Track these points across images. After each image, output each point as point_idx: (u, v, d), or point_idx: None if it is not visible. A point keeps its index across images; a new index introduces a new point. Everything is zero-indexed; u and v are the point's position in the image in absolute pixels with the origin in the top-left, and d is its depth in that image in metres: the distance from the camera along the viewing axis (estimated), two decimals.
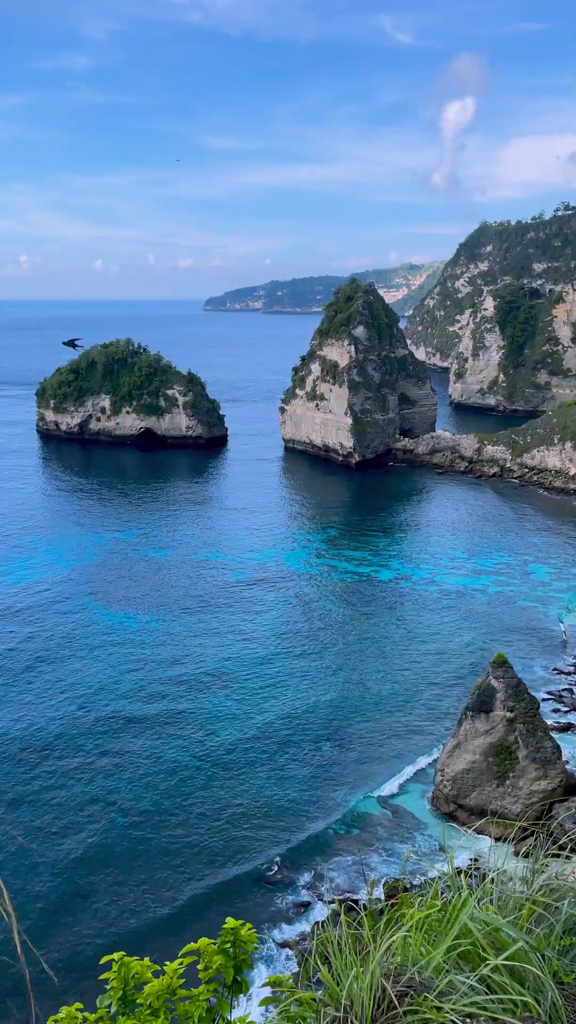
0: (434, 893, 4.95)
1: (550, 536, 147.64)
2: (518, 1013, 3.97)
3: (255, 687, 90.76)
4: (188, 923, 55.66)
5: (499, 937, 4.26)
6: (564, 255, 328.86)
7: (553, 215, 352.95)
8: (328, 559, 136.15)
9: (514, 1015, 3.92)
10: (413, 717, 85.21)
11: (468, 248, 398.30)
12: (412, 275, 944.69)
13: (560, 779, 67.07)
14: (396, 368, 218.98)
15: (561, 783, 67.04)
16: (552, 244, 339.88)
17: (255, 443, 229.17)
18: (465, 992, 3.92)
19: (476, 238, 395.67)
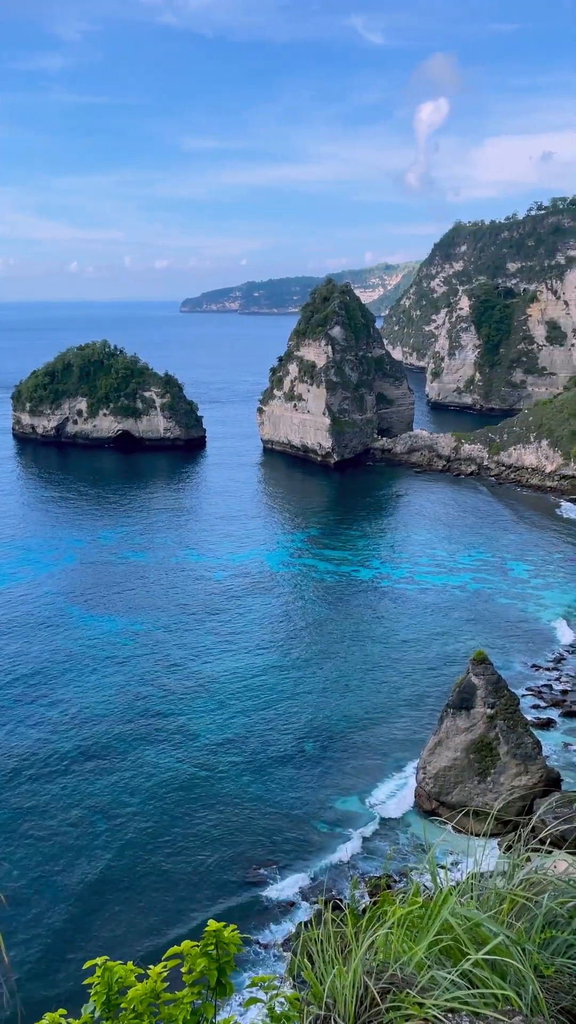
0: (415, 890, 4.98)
1: (527, 533, 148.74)
2: (499, 1007, 4.01)
3: (236, 688, 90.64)
4: (172, 926, 55.48)
5: (480, 932, 4.29)
6: (537, 254, 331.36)
7: (526, 215, 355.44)
8: (308, 559, 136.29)
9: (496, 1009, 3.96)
10: (395, 716, 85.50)
11: (443, 248, 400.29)
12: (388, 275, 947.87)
13: (541, 774, 67.59)
14: (373, 368, 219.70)
15: (542, 778, 67.56)
16: (526, 244, 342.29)
17: (234, 444, 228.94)
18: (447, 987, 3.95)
19: (451, 238, 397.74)
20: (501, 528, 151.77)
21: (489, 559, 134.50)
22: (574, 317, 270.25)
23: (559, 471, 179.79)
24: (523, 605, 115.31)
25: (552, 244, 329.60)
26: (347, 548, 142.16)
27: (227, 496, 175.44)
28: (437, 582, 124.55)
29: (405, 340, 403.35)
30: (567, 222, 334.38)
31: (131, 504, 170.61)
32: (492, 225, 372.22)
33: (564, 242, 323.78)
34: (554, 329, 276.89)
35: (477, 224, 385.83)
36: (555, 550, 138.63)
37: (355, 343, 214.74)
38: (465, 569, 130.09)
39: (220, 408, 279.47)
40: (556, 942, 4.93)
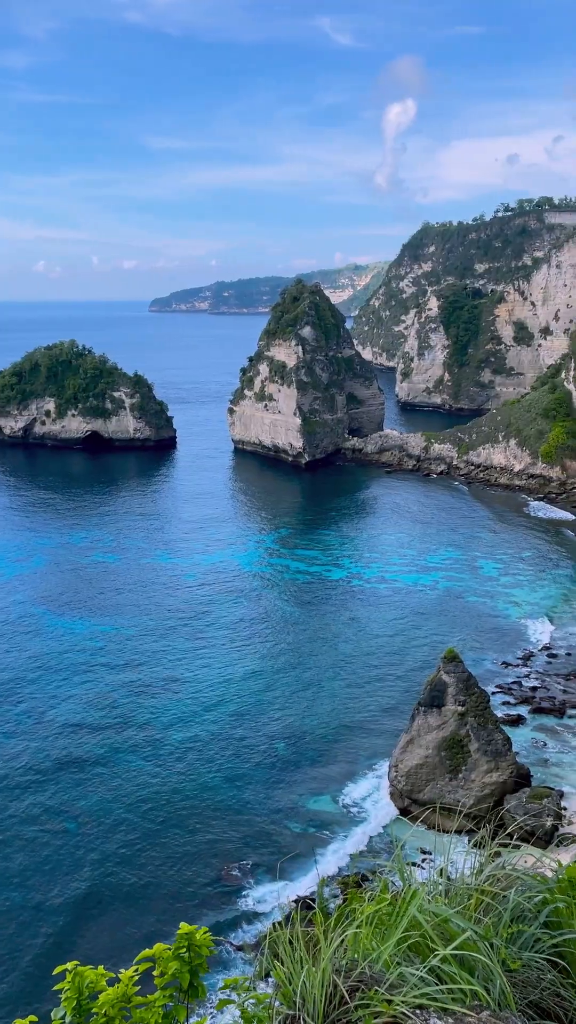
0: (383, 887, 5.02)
1: (497, 532, 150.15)
2: (467, 1002, 4.05)
3: (208, 688, 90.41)
4: (144, 930, 55.19)
5: (448, 928, 4.33)
6: (504, 255, 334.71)
7: (493, 216, 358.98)
8: (280, 559, 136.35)
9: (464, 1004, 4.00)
10: (366, 714, 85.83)
11: (411, 249, 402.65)
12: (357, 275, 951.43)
13: (511, 771, 68.28)
14: (343, 368, 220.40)
15: (512, 774, 68.26)
16: (493, 245, 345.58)
17: (204, 444, 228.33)
18: (415, 984, 3.98)
19: (419, 239, 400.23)
20: (471, 527, 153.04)
21: (459, 558, 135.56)
22: (541, 318, 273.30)
23: (527, 470, 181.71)
24: (493, 603, 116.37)
25: (519, 245, 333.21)
26: (319, 548, 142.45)
27: (198, 497, 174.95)
28: (408, 581, 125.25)
29: (375, 340, 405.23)
30: (533, 224, 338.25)
31: (101, 505, 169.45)
32: (460, 226, 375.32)
33: (530, 243, 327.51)
34: (521, 330, 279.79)
35: (445, 225, 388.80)
36: (524, 548, 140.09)
37: (325, 343, 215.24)
38: (436, 568, 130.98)
39: (190, 408, 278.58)
40: (523, 936, 5.00)
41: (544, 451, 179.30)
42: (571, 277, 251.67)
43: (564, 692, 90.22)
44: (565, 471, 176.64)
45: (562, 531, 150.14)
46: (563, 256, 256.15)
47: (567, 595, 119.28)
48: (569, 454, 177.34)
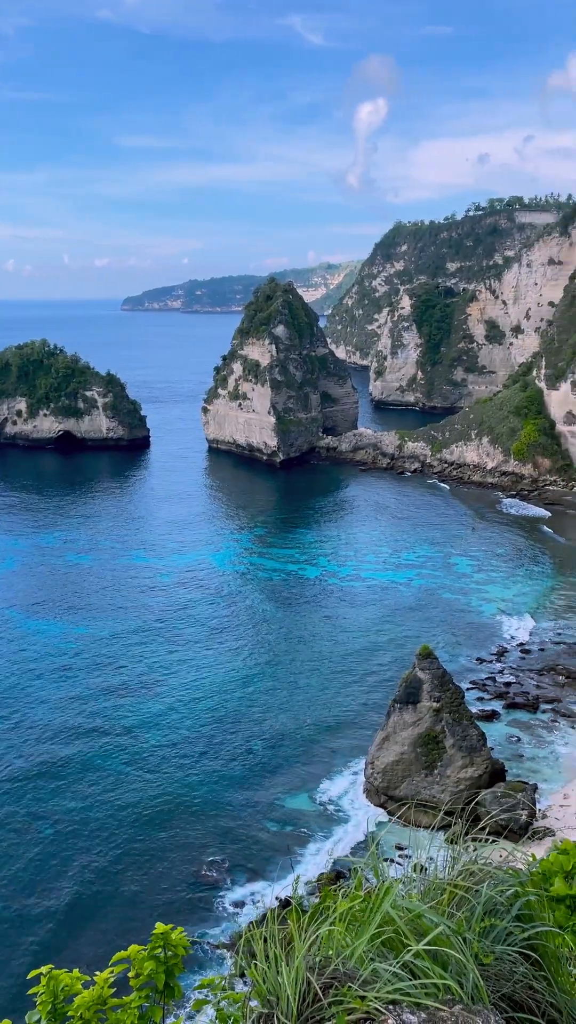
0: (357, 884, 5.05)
1: (470, 529, 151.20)
2: (440, 996, 4.09)
3: (183, 689, 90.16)
4: (120, 931, 54.92)
5: (421, 923, 4.37)
6: (476, 254, 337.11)
7: (465, 215, 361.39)
8: (255, 558, 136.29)
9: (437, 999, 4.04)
10: (342, 712, 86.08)
11: (384, 248, 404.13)
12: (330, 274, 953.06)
13: (486, 766, 68.83)
14: (317, 367, 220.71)
15: (486, 770, 68.81)
16: (464, 244, 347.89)
17: (178, 444, 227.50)
18: (388, 979, 4.01)
19: (391, 238, 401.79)
20: (445, 525, 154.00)
21: (433, 555, 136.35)
22: (512, 316, 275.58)
23: (499, 467, 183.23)
24: (467, 600, 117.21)
25: (490, 244, 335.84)
26: (294, 547, 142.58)
27: (172, 496, 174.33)
28: (383, 579, 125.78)
29: (348, 339, 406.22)
30: (504, 223, 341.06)
31: (74, 506, 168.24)
32: (432, 225, 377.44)
33: (501, 242, 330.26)
34: (493, 328, 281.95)
35: (417, 224, 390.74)
36: (497, 545, 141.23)
37: (299, 342, 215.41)
38: (410, 565, 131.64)
39: (164, 408, 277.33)
40: (496, 930, 5.05)
41: (516, 448, 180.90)
42: (541, 276, 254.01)
43: (537, 687, 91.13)
44: (537, 468, 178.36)
45: (534, 528, 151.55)
46: (533, 255, 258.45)
47: (540, 591, 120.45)
48: (541, 451, 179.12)
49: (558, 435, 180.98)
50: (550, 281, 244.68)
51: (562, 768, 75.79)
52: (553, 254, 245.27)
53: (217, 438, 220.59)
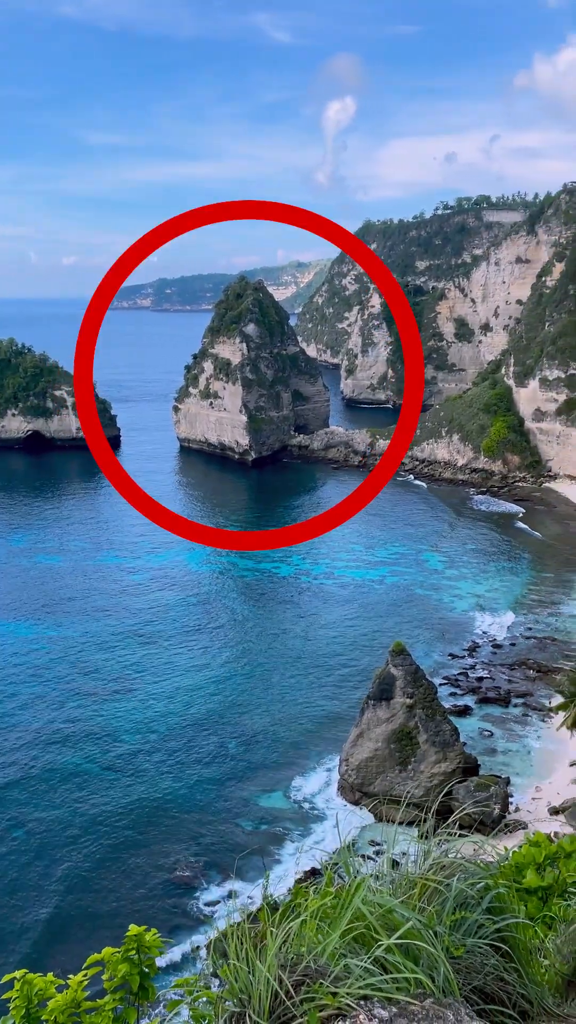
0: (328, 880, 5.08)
1: (441, 526, 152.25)
2: (412, 990, 4.13)
3: (158, 689, 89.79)
4: (93, 933, 54.57)
5: (392, 918, 4.41)
6: (445, 253, 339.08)
7: (433, 214, 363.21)
8: (228, 557, 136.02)
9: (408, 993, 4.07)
10: (316, 709, 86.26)
11: None
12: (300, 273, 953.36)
13: (459, 761, 69.38)
14: (288, 365, 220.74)
15: (460, 764, 69.36)
16: (433, 242, 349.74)
17: (149, 443, 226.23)
18: (360, 975, 4.04)
19: (360, 236, 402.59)
20: (416, 521, 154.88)
21: (405, 552, 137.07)
22: (481, 314, 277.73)
23: (470, 464, 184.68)
24: (439, 596, 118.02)
25: (458, 243, 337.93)
26: None
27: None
28: (356, 576, 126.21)
29: (319, 337, 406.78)
30: (472, 222, 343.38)
31: (44, 506, 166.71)
32: (401, 224, 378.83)
33: (470, 241, 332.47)
34: (462, 326, 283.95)
35: (386, 223, 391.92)
36: (468, 542, 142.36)
37: (269, 340, 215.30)
38: (382, 563, 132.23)
39: (134, 407, 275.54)
40: (467, 923, 5.11)
41: (486, 446, 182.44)
42: (509, 274, 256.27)
43: (509, 682, 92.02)
44: (506, 465, 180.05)
45: (504, 524, 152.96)
46: (501, 254, 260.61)
47: (511, 587, 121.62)
48: (510, 448, 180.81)
49: (527, 432, 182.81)
50: (518, 279, 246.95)
51: (534, 761, 76.65)
52: (520, 253, 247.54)
53: (188, 437, 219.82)
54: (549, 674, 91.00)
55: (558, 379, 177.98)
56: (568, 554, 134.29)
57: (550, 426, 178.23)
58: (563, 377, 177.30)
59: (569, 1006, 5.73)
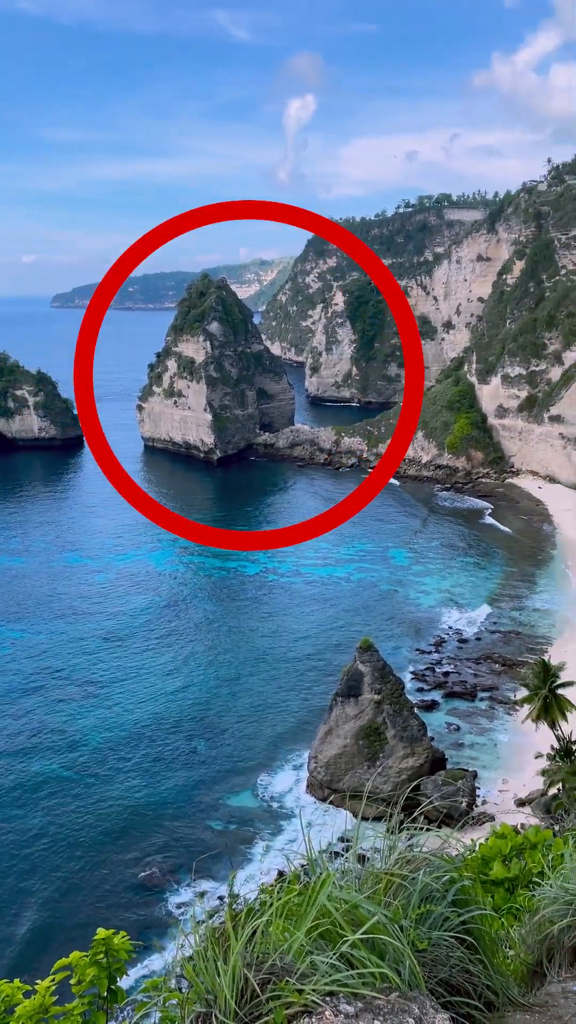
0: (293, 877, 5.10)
1: (407, 522, 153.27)
2: (378, 985, 4.16)
3: (125, 691, 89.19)
4: (61, 938, 54.08)
5: (358, 913, 4.44)
6: (407, 251, 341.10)
7: (395, 212, 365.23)
8: (194, 556, 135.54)
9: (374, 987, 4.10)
10: (285, 707, 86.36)
11: (316, 244, 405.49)
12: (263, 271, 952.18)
13: (426, 755, 69.98)
14: (253, 363, 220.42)
15: (427, 759, 69.96)
16: (395, 240, 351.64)
17: (113, 442, 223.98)
18: (326, 971, 4.07)
19: None
20: (381, 518, 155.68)
21: (371, 549, 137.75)
22: (443, 312, 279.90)
23: (434, 461, 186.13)
24: (405, 592, 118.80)
25: (420, 241, 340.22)
26: None
27: (108, 496, 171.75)
28: (323, 574, 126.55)
29: (283, 336, 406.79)
30: (433, 220, 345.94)
31: (6, 507, 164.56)
32: (363, 222, 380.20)
33: (431, 239, 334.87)
34: (425, 324, 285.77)
35: (348, 221, 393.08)
36: (433, 538, 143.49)
37: (233, 339, 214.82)
38: (349, 560, 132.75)
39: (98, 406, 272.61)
40: (432, 916, 5.16)
41: (450, 442, 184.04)
42: (470, 272, 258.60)
43: (475, 676, 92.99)
44: (470, 461, 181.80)
45: (469, 520, 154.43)
46: (463, 252, 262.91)
47: (475, 582, 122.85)
48: (473, 444, 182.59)
49: (490, 428, 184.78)
50: (479, 277, 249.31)
51: (500, 754, 77.57)
52: (481, 251, 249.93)
53: (153, 436, 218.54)
54: (514, 668, 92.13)
55: (519, 376, 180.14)
56: (531, 549, 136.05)
57: (512, 422, 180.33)
58: (524, 374, 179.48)
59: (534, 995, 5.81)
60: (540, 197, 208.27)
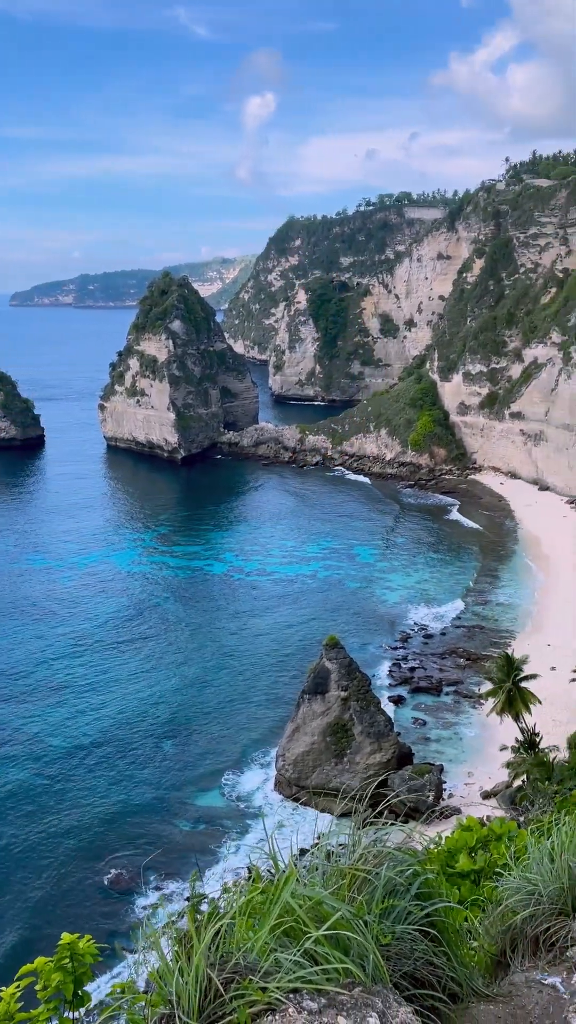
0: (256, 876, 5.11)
1: (371, 519, 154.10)
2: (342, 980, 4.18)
3: (90, 692, 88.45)
4: (27, 943, 53.48)
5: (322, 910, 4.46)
6: (368, 249, 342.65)
7: (356, 210, 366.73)
8: (159, 556, 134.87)
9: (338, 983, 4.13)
10: (253, 706, 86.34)
11: (277, 242, 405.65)
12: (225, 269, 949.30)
13: (393, 750, 70.45)
14: (216, 362, 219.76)
15: (394, 754, 70.44)
16: (357, 239, 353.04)
17: (75, 443, 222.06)
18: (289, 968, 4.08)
19: (285, 232, 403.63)
20: (347, 516, 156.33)
21: (337, 547, 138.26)
22: (405, 310, 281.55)
23: (398, 458, 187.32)
24: (370, 588, 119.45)
25: (381, 239, 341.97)
26: (199, 543, 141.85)
27: (71, 497, 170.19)
28: (289, 572, 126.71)
29: (246, 334, 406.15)
30: (394, 218, 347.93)
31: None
32: (324, 220, 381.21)
33: (392, 238, 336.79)
34: (387, 322, 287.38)
35: (310, 219, 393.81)
36: (397, 534, 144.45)
37: (196, 337, 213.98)
38: (315, 558, 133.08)
39: (58, 406, 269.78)
40: (396, 910, 5.20)
41: (413, 439, 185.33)
42: (431, 270, 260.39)
43: (440, 671, 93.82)
44: (433, 458, 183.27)
45: (433, 516, 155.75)
46: (423, 250, 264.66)
47: (439, 577, 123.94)
48: (436, 441, 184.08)
49: (452, 425, 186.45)
50: (440, 276, 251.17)
51: (465, 748, 78.39)
52: (442, 249, 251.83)
53: (115, 436, 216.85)
54: (478, 662, 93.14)
55: (480, 373, 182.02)
56: (493, 544, 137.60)
57: (474, 419, 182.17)
58: (485, 371, 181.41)
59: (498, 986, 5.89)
60: (499, 196, 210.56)
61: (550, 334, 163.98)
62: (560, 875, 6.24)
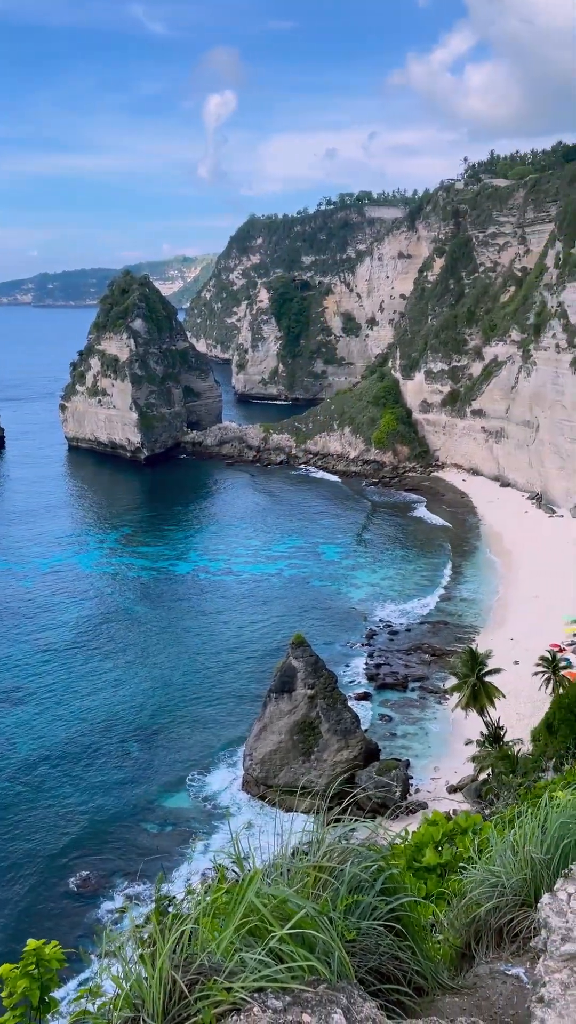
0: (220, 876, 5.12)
1: (336, 517, 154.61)
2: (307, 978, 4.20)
3: (53, 695, 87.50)
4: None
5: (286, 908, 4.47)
6: (329, 248, 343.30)
7: (317, 209, 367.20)
8: (123, 557, 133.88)
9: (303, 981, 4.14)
10: (219, 706, 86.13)
11: (239, 241, 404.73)
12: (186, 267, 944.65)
13: (360, 747, 70.78)
14: (178, 361, 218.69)
15: (361, 751, 70.77)
16: (318, 238, 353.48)
17: (35, 443, 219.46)
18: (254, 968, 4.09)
19: (246, 231, 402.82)
20: (312, 514, 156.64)
21: (302, 545, 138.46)
22: (367, 309, 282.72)
23: (362, 456, 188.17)
24: (336, 586, 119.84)
25: (342, 238, 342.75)
26: (163, 544, 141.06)
27: (32, 498, 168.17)
28: (254, 571, 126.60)
29: (208, 332, 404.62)
30: (355, 217, 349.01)
31: None
32: (285, 219, 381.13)
33: (353, 236, 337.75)
34: (349, 321, 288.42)
35: (271, 218, 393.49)
36: (363, 532, 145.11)
37: (158, 336, 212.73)
38: (280, 556, 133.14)
39: (18, 406, 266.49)
40: (361, 906, 5.24)
41: (376, 437, 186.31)
42: (392, 269, 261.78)
43: (406, 667, 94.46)
44: (396, 456, 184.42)
45: (397, 513, 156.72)
46: (384, 249, 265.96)
47: (404, 574, 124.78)
48: (399, 439, 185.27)
49: (415, 423, 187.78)
50: (400, 274, 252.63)
51: (432, 743, 79.05)
52: (402, 248, 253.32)
53: (77, 436, 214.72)
54: (443, 657, 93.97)
55: (442, 371, 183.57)
56: (457, 540, 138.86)
57: (436, 417, 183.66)
58: (446, 369, 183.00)
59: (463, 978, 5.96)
60: (458, 195, 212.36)
61: (509, 332, 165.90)
62: (522, 867, 6.33)
